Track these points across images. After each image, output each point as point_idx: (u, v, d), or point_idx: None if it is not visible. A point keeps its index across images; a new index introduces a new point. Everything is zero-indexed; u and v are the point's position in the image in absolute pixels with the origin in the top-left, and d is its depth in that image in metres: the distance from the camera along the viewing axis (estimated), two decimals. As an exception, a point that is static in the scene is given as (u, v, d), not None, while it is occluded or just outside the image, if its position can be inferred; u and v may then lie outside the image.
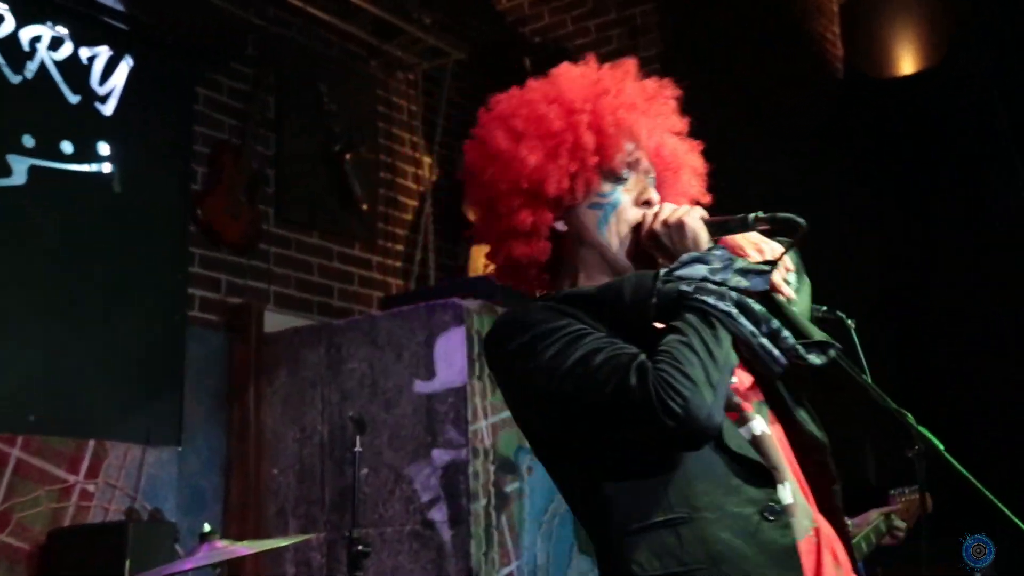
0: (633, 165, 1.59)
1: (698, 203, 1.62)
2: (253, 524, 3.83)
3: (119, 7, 3.82)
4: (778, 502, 1.42)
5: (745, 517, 1.39)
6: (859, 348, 1.92)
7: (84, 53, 3.82)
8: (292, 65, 4.54)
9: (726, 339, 1.41)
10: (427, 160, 5.18)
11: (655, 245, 1.54)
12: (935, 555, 2.60)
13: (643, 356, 1.38)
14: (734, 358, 1.43)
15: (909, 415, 1.71)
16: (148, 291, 3.87)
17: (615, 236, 1.56)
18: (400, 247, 4.94)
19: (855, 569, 1.52)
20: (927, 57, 5.00)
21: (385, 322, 3.73)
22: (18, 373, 3.44)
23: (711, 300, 1.42)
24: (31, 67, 3.68)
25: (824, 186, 5.52)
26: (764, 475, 1.43)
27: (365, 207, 4.71)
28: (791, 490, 1.47)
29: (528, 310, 1.49)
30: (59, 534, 3.35)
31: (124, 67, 3.92)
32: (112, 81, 3.88)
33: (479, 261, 4.87)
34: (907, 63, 5.06)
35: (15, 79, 3.63)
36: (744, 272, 1.46)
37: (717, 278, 1.44)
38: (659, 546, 1.38)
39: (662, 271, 1.47)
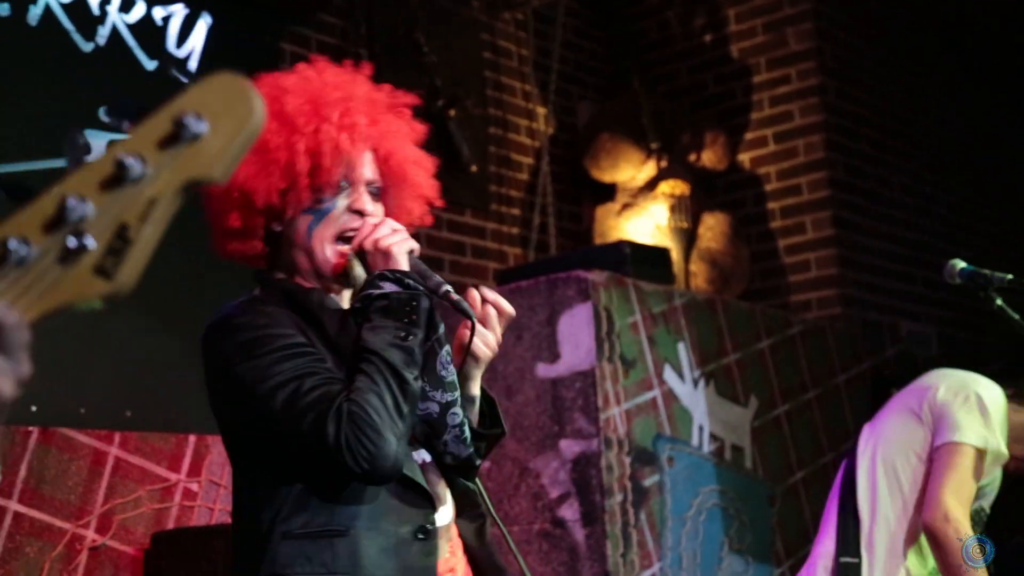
0: (352, 178, 1.73)
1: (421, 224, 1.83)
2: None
3: (193, -40, 3.71)
4: (432, 523, 1.66)
5: (399, 536, 1.63)
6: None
7: (158, 13, 3.65)
8: (385, 13, 4.33)
9: (413, 378, 1.63)
10: (542, 111, 4.92)
11: (360, 258, 1.71)
12: None
13: (342, 398, 1.57)
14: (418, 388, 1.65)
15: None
16: (243, 274, 3.80)
17: (321, 241, 1.71)
18: (516, 211, 4.71)
19: None
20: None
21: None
22: (110, 367, 3.35)
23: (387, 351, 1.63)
24: (103, 32, 3.51)
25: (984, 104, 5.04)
26: (427, 499, 1.67)
27: (474, 168, 4.49)
28: (446, 514, 1.72)
29: (245, 311, 1.68)
30: (163, 537, 3.31)
31: (202, 26, 3.73)
32: (190, 43, 3.70)
33: (606, 223, 4.64)
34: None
35: (87, 47, 3.46)
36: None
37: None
38: (313, 552, 1.61)
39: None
